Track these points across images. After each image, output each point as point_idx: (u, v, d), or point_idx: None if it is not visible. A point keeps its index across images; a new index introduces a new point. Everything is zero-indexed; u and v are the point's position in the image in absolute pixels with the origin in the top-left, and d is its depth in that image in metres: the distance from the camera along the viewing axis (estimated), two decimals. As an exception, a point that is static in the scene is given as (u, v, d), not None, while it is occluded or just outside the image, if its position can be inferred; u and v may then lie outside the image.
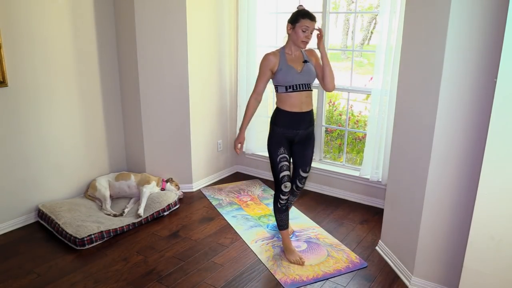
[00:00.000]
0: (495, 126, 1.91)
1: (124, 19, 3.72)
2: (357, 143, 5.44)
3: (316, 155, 4.17)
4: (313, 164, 4.10)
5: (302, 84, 2.68)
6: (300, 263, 2.86)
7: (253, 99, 2.77)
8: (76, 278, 2.70)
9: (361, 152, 3.93)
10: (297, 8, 2.70)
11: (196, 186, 4.13)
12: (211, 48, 4.00)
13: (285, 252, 2.97)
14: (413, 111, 2.55)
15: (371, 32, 8.80)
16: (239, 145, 2.84)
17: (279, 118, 2.76)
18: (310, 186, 4.14)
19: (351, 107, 5.94)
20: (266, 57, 2.69)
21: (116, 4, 3.74)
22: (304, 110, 2.72)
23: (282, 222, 2.93)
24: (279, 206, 2.86)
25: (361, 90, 4.07)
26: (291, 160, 2.87)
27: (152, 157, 4.00)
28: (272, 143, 2.78)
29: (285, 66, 2.65)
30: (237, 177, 4.49)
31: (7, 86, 3.11)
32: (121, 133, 4.08)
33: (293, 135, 2.76)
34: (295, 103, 2.69)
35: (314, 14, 2.63)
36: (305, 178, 2.93)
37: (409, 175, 2.63)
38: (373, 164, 3.62)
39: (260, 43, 4.07)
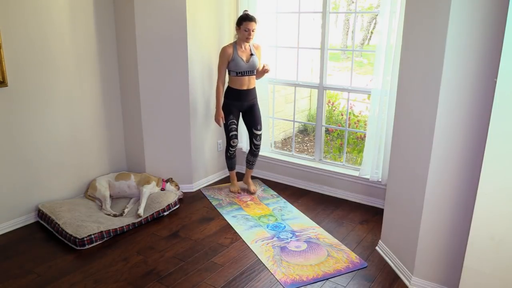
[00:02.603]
0: (495, 126, 1.91)
1: (124, 19, 3.72)
2: (358, 143, 5.44)
3: (316, 155, 4.18)
4: (313, 164, 4.12)
5: (247, 71, 3.64)
6: (237, 192, 3.98)
7: (220, 84, 3.69)
8: (76, 278, 2.71)
9: (362, 152, 3.94)
10: (243, 12, 3.59)
11: (196, 186, 4.13)
12: (211, 48, 4.00)
13: (230, 185, 4.08)
14: (413, 111, 2.56)
15: (371, 32, 8.81)
16: (221, 119, 3.76)
17: (230, 93, 3.73)
18: (310, 186, 4.14)
19: (351, 107, 5.96)
20: (224, 50, 3.62)
21: (116, 4, 3.74)
22: (246, 88, 3.71)
23: (230, 165, 4.03)
24: (228, 154, 3.94)
25: (361, 90, 4.07)
26: (246, 126, 3.92)
27: (152, 157, 4.00)
28: (225, 112, 3.74)
29: (237, 57, 3.60)
30: (237, 177, 4.48)
31: (7, 86, 3.11)
32: (121, 133, 4.08)
33: (239, 106, 3.75)
34: (241, 83, 3.68)
35: (253, 16, 3.52)
36: (259, 135, 3.87)
37: (409, 175, 2.63)
38: (373, 164, 3.62)
39: (260, 43, 4.07)
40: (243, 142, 4.40)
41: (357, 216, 3.61)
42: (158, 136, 3.94)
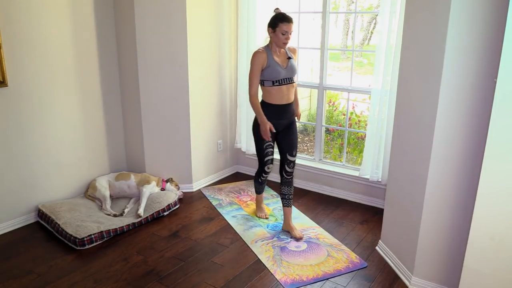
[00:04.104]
0: (495, 126, 1.91)
1: (124, 19, 3.72)
2: (359, 143, 5.44)
3: (316, 155, 4.17)
4: (313, 164, 4.11)
5: (286, 79, 3.02)
6: (265, 217, 3.51)
7: (253, 94, 3.03)
8: (76, 278, 2.71)
9: (362, 152, 3.93)
10: (274, 11, 3.03)
11: (196, 186, 4.13)
12: (211, 48, 4.00)
13: (256, 209, 3.60)
14: (413, 111, 2.55)
15: (371, 32, 8.80)
16: (269, 129, 3.03)
17: (266, 111, 3.04)
18: (310, 186, 4.14)
19: (353, 107, 5.95)
20: (257, 54, 2.99)
21: (116, 4, 3.74)
22: (286, 102, 3.07)
23: (259, 190, 3.53)
24: (260, 180, 3.40)
25: (361, 90, 4.07)
26: (278, 148, 3.25)
27: (152, 157, 4.00)
28: (259, 133, 3.07)
29: (273, 63, 2.98)
30: (237, 177, 4.49)
31: (7, 86, 3.11)
32: (121, 133, 4.08)
33: (276, 125, 3.09)
34: (280, 96, 3.04)
35: (290, 15, 2.94)
36: (293, 162, 3.21)
37: (409, 175, 2.63)
38: (373, 164, 3.62)
39: (260, 43, 4.07)
40: (242, 142, 4.40)
41: (357, 216, 3.61)
42: (158, 136, 3.94)
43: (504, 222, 1.99)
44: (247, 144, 4.35)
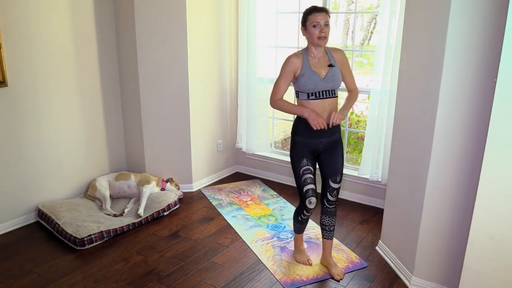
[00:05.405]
0: (495, 126, 1.91)
1: (124, 19, 3.72)
2: (359, 143, 5.44)
3: (316, 155, 4.17)
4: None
5: (325, 91, 2.47)
6: (307, 263, 2.88)
7: (277, 100, 2.56)
8: (76, 278, 2.71)
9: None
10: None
11: (196, 186, 4.13)
12: (211, 48, 4.00)
13: (294, 252, 2.99)
14: (413, 111, 2.55)
15: (371, 32, 8.79)
16: (320, 118, 2.43)
17: (300, 127, 2.56)
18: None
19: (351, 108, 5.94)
20: (289, 59, 2.48)
21: (116, 4, 3.74)
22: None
23: (298, 228, 2.89)
24: (299, 219, 2.77)
25: (361, 90, 4.06)
26: (320, 172, 2.70)
27: (152, 157, 4.00)
28: (294, 155, 2.61)
29: (308, 71, 2.45)
30: (237, 177, 4.49)
31: (7, 86, 3.11)
32: (121, 133, 4.08)
33: (315, 144, 2.57)
34: (319, 112, 2.48)
35: (323, 7, 2.48)
36: (337, 190, 2.67)
37: (409, 175, 2.63)
38: (372, 164, 3.62)
39: (260, 43, 4.07)
40: (242, 141, 4.39)
41: (357, 216, 3.60)
42: (158, 136, 3.93)
43: (504, 222, 1.99)
44: (248, 144, 4.35)
